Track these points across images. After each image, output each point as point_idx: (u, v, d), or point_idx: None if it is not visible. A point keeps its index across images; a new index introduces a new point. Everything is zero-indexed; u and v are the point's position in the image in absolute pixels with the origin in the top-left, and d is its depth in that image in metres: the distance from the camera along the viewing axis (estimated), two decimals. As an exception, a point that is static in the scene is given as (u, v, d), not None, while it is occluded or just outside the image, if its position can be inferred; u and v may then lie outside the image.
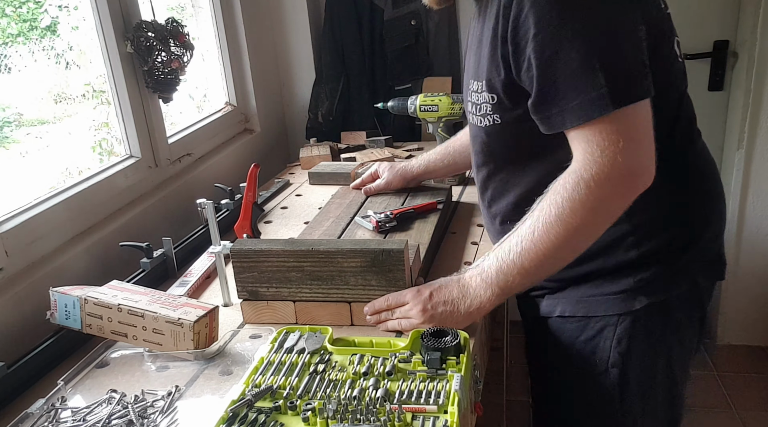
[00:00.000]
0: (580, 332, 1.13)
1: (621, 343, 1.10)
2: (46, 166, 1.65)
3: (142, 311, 1.07)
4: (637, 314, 1.08)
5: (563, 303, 1.15)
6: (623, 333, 1.09)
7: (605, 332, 1.10)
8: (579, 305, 1.13)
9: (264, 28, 2.27)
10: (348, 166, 1.90)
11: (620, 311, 1.09)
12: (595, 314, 1.11)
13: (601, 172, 0.92)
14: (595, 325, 1.11)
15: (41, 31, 1.68)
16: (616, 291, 1.09)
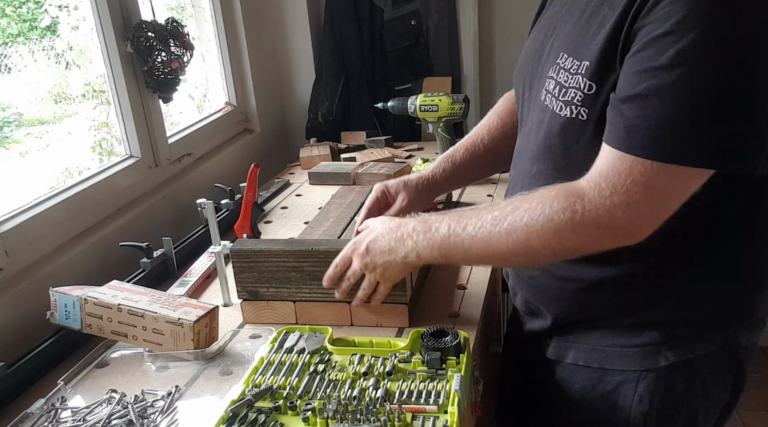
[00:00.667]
0: (595, 385, 1.02)
1: (642, 402, 0.99)
2: (46, 166, 1.65)
3: (142, 311, 1.07)
4: (660, 371, 0.97)
5: (576, 350, 1.03)
6: (645, 392, 0.98)
7: (624, 388, 0.99)
8: (594, 355, 1.01)
9: (264, 28, 2.27)
10: (348, 166, 1.90)
11: (642, 368, 0.98)
12: (613, 367, 0.99)
13: (594, 213, 0.82)
14: (612, 378, 1.00)
15: (41, 31, 1.68)
16: (638, 344, 0.97)
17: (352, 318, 1.14)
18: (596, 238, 0.84)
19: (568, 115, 0.89)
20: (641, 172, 0.79)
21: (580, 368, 1.03)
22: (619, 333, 0.98)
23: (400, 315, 1.12)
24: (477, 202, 1.67)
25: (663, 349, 0.96)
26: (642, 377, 0.98)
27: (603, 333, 1.00)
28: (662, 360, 0.96)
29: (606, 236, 0.83)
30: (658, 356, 0.97)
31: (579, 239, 0.84)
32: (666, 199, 0.81)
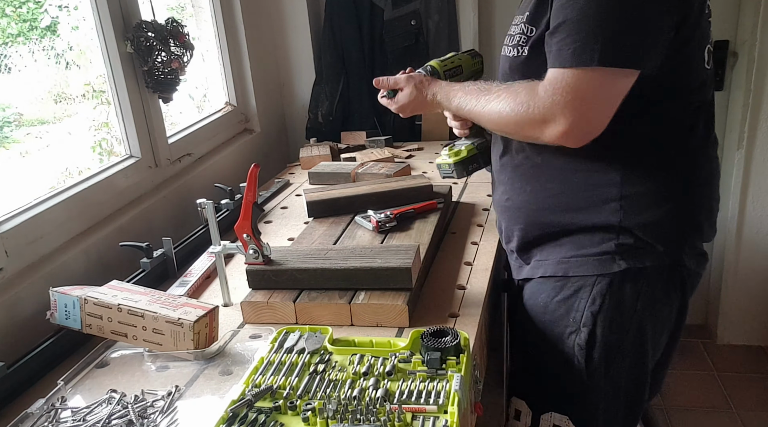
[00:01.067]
0: (558, 292, 1.18)
1: (594, 302, 1.14)
2: (46, 166, 1.65)
3: (142, 311, 1.07)
4: (613, 277, 1.13)
5: (545, 265, 1.20)
6: (598, 294, 1.14)
7: (581, 292, 1.15)
8: (559, 266, 1.18)
9: (264, 28, 2.27)
10: (348, 166, 1.90)
11: (598, 272, 1.14)
12: (574, 274, 1.16)
13: (540, 110, 1.01)
14: (572, 285, 1.16)
15: (41, 31, 1.68)
16: (596, 253, 1.13)
17: (352, 318, 1.15)
18: (544, 130, 1.02)
19: (515, 54, 1.12)
20: (571, 78, 0.98)
21: (547, 280, 1.20)
22: (580, 245, 1.15)
23: (400, 315, 1.13)
24: (476, 203, 1.68)
25: (617, 258, 1.12)
26: (597, 281, 1.14)
27: (568, 247, 1.17)
28: (615, 266, 1.12)
29: (551, 130, 1.01)
30: (612, 263, 1.12)
31: (532, 129, 1.04)
32: (594, 101, 0.99)
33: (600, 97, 0.99)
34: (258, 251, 1.19)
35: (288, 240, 1.52)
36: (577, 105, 0.97)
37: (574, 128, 0.99)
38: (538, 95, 1.01)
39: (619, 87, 0.98)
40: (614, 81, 0.98)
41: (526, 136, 1.10)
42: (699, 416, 2.31)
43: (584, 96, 0.98)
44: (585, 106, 0.98)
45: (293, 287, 1.19)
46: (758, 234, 2.50)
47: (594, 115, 0.99)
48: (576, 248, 1.16)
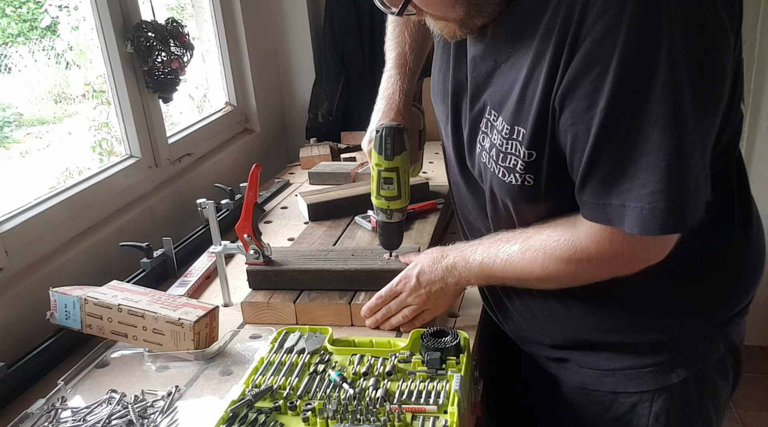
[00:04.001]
0: (608, 409, 1.02)
1: (659, 420, 0.99)
2: (46, 166, 1.65)
3: (142, 311, 1.07)
4: (673, 388, 0.98)
5: (585, 375, 1.03)
6: (661, 410, 0.99)
7: (638, 408, 1.00)
8: (605, 379, 1.01)
9: (264, 28, 2.27)
10: (348, 166, 1.90)
11: (656, 387, 0.98)
12: (625, 389, 1.00)
13: (603, 254, 0.86)
14: (625, 400, 1.00)
15: (41, 31, 1.68)
16: (648, 364, 0.98)
17: (352, 318, 1.15)
18: (609, 268, 0.88)
19: (514, 182, 0.90)
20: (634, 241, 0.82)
21: (589, 392, 1.03)
22: (627, 355, 0.99)
23: (400, 315, 1.12)
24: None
25: (675, 365, 0.97)
26: (656, 396, 0.98)
27: (610, 356, 1.00)
28: (674, 377, 0.97)
29: (620, 266, 0.87)
30: (670, 374, 0.97)
31: (589, 270, 0.89)
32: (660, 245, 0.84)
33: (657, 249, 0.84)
34: (259, 251, 1.19)
35: (288, 240, 1.52)
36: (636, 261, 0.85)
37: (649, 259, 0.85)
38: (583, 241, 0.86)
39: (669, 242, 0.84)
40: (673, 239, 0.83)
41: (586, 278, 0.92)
42: (699, 416, 2.30)
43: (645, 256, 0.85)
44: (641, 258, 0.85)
45: (293, 288, 1.19)
46: (758, 234, 2.50)
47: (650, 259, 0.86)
48: (621, 358, 0.99)
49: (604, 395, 1.02)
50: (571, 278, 0.92)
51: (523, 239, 0.93)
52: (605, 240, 0.84)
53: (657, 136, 0.75)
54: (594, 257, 0.86)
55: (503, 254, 0.95)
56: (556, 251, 0.88)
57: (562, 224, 0.90)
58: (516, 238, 0.95)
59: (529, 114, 0.84)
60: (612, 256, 0.85)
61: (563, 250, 0.88)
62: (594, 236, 0.85)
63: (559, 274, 0.90)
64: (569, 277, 0.91)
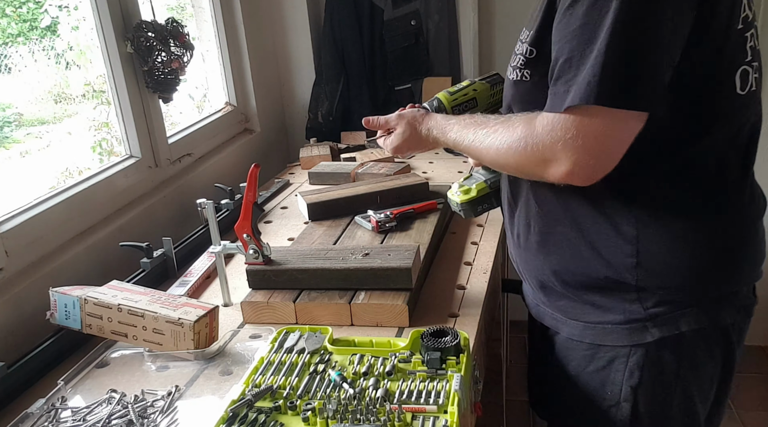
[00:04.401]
0: (589, 362, 1.07)
1: (633, 376, 1.03)
2: (46, 166, 1.65)
3: (142, 311, 1.07)
4: (648, 346, 1.01)
5: (570, 326, 1.08)
6: (635, 366, 1.03)
7: (615, 363, 1.04)
8: (586, 332, 1.06)
9: (264, 28, 2.27)
10: (348, 166, 1.90)
11: (630, 343, 1.02)
12: (603, 342, 1.05)
13: (540, 147, 0.91)
14: (604, 355, 1.05)
15: (41, 31, 1.68)
16: (624, 320, 1.02)
17: (352, 318, 1.15)
18: (546, 169, 0.92)
19: (515, 78, 1.01)
20: (570, 117, 0.87)
21: (574, 343, 1.09)
22: (605, 310, 1.03)
23: (400, 315, 1.13)
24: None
25: (649, 326, 1.01)
26: (632, 352, 1.03)
27: (592, 311, 1.05)
28: (648, 336, 1.01)
29: (554, 170, 0.90)
30: (644, 332, 1.01)
31: (533, 167, 0.94)
32: (598, 142, 0.87)
33: (604, 138, 0.87)
34: (258, 250, 1.19)
35: (288, 240, 1.52)
36: (578, 145, 0.87)
37: (578, 168, 0.88)
38: (536, 132, 0.91)
39: (626, 128, 0.86)
40: (620, 122, 0.86)
41: (527, 175, 1.00)
42: (699, 416, 2.31)
43: (586, 136, 0.86)
44: (587, 146, 0.87)
45: (293, 287, 1.19)
46: (758, 234, 2.50)
47: (599, 156, 0.88)
48: (601, 313, 1.04)
49: (587, 348, 1.07)
50: (512, 168, 1.01)
51: (492, 125, 1.01)
52: (548, 127, 0.89)
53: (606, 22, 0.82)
54: (531, 146, 0.92)
55: (470, 136, 1.05)
56: (512, 138, 0.95)
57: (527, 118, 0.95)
58: (487, 124, 1.03)
59: (537, 16, 0.96)
60: (547, 149, 0.90)
61: (516, 138, 0.95)
62: (541, 124, 0.91)
63: (507, 161, 0.98)
64: (511, 168, 1.01)
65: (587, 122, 0.86)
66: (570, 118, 0.87)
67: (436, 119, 1.17)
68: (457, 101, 1.23)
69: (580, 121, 0.86)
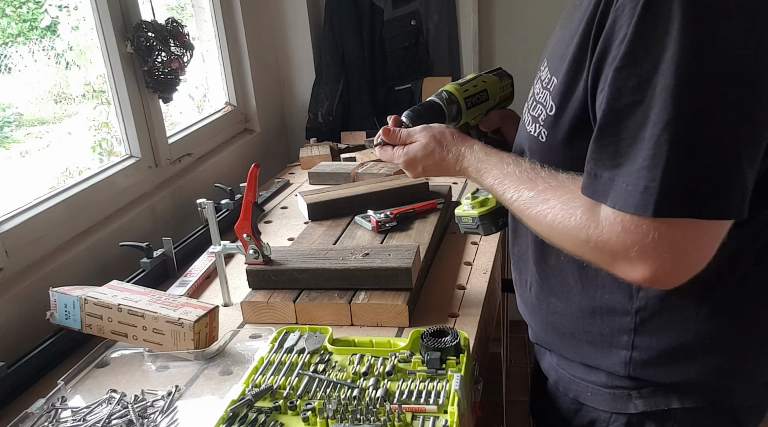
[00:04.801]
0: (572, 416, 0.99)
1: None
2: (46, 166, 1.65)
3: (142, 311, 1.07)
4: (631, 417, 0.91)
5: (558, 372, 1.00)
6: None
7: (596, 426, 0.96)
8: (571, 385, 0.98)
9: (264, 28, 2.27)
10: (348, 166, 1.90)
11: (612, 410, 0.92)
12: (585, 402, 0.96)
13: (607, 245, 0.75)
14: (586, 414, 0.96)
15: (41, 31, 1.68)
16: (608, 385, 0.92)
17: (352, 318, 1.15)
18: (615, 266, 0.77)
19: (532, 132, 0.87)
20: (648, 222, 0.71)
21: (560, 394, 1.01)
22: (590, 367, 0.94)
23: (400, 315, 1.13)
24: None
25: (633, 396, 0.90)
26: (612, 419, 0.93)
27: (577, 366, 0.96)
28: (631, 407, 0.90)
29: (626, 269, 0.75)
30: (627, 402, 0.91)
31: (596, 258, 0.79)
32: (685, 250, 0.72)
33: (690, 246, 0.72)
34: (258, 250, 1.19)
35: (288, 240, 1.52)
36: (659, 252, 0.71)
37: (661, 275, 0.73)
38: (602, 228, 0.75)
39: (714, 235, 0.72)
40: (706, 230, 0.71)
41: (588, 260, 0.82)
42: (699, 416, 2.30)
43: (669, 246, 0.71)
44: (672, 255, 0.72)
45: (293, 287, 1.19)
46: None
47: (686, 262, 0.72)
48: (586, 370, 0.94)
49: (572, 403, 0.98)
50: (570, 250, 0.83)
51: (542, 189, 0.84)
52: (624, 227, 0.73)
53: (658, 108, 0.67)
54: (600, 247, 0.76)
55: (513, 193, 0.87)
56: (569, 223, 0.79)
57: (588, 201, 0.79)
58: (535, 184, 0.85)
59: (564, 64, 0.80)
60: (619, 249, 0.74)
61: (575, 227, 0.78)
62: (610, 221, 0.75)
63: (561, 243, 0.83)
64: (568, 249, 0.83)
65: (666, 230, 0.71)
66: (645, 221, 0.71)
67: (472, 148, 0.97)
68: (469, 93, 1.10)
69: (657, 228, 0.71)
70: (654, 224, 0.70)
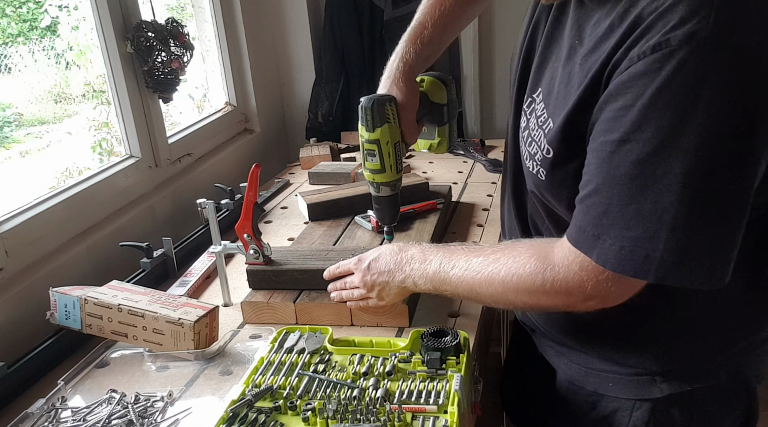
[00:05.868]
0: (591, 409, 0.99)
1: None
2: (46, 166, 1.65)
3: (142, 311, 1.07)
4: (656, 402, 0.93)
5: (574, 370, 1.01)
6: (639, 421, 0.94)
7: (618, 415, 0.96)
8: (589, 379, 0.98)
9: (264, 28, 2.27)
10: (348, 166, 1.90)
11: (636, 397, 0.94)
12: (606, 393, 0.96)
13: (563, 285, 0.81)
14: (607, 405, 0.97)
15: (41, 31, 1.68)
16: (630, 373, 0.94)
17: (352, 318, 1.15)
18: (569, 302, 0.83)
19: (531, 169, 0.89)
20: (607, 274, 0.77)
21: (577, 389, 1.01)
22: (610, 356, 0.95)
23: (400, 315, 1.13)
24: (476, 203, 1.67)
25: (657, 380, 0.92)
26: (636, 406, 0.94)
27: (596, 358, 0.97)
28: (656, 391, 0.92)
29: (579, 302, 0.82)
30: (651, 387, 0.93)
31: (551, 302, 0.84)
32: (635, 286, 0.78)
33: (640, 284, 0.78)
34: (258, 251, 1.19)
35: (288, 240, 1.52)
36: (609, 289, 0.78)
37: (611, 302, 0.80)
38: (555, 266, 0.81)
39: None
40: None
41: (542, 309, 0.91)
42: (699, 416, 2.30)
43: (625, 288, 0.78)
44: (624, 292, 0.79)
45: (293, 287, 1.19)
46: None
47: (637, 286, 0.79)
48: (606, 362, 0.96)
49: (589, 395, 0.99)
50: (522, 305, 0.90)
51: (490, 252, 0.89)
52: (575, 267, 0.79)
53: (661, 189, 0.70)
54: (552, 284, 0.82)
55: (462, 264, 0.92)
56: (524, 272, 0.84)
57: (537, 248, 0.85)
58: (482, 250, 0.91)
59: (562, 112, 0.81)
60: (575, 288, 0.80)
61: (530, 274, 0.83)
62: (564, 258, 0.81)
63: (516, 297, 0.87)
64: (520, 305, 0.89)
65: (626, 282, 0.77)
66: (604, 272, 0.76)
67: (414, 246, 1.01)
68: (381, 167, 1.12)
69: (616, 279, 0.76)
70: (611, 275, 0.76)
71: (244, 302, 1.18)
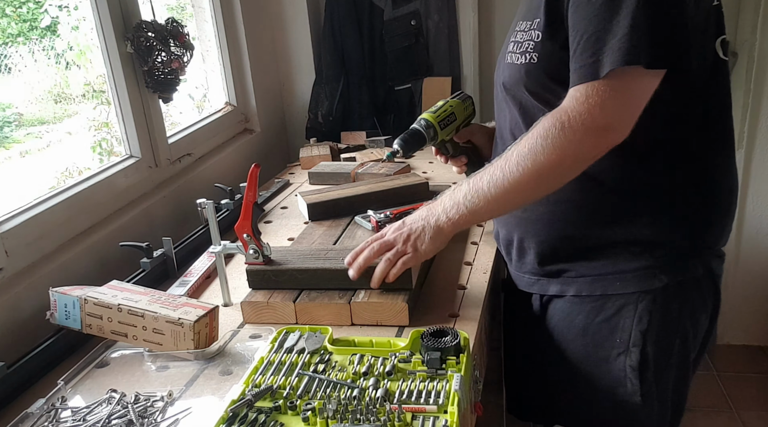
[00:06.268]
0: (598, 312, 1.13)
1: (642, 321, 1.10)
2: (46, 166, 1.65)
3: (142, 311, 1.07)
4: (656, 292, 1.09)
5: (579, 283, 1.14)
6: (644, 311, 1.09)
7: (624, 310, 1.11)
8: (596, 284, 1.12)
9: (264, 28, 2.27)
10: (348, 166, 1.90)
11: (640, 289, 1.09)
12: (614, 292, 1.11)
13: (577, 117, 0.94)
14: (613, 304, 1.11)
15: (41, 31, 1.68)
16: (634, 268, 1.09)
17: (352, 318, 1.15)
18: (587, 139, 0.95)
19: (524, 61, 1.06)
20: (607, 80, 0.93)
21: (582, 299, 1.14)
22: (614, 262, 1.10)
23: (400, 314, 1.13)
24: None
25: (657, 272, 1.09)
26: (640, 298, 1.10)
27: (602, 263, 1.11)
28: (656, 282, 1.09)
29: (595, 135, 0.95)
30: (653, 279, 1.09)
31: (575, 145, 0.96)
32: (631, 95, 0.94)
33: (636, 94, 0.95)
34: (258, 250, 1.19)
35: (288, 240, 1.52)
36: (617, 103, 0.94)
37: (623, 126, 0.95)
38: (567, 113, 0.95)
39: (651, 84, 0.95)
40: (647, 78, 0.95)
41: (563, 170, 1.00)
42: (699, 416, 2.31)
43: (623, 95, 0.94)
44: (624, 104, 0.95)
45: (293, 287, 1.19)
46: (758, 234, 2.50)
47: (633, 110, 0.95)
48: (611, 263, 1.11)
49: (596, 300, 1.12)
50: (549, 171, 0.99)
51: (505, 156, 1.02)
52: (581, 98, 0.94)
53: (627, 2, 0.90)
54: (568, 122, 0.94)
55: (489, 172, 1.03)
56: (544, 136, 0.96)
57: (543, 119, 0.98)
58: (497, 160, 1.03)
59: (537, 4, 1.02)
60: (586, 116, 0.93)
61: (550, 133, 0.96)
62: (572, 99, 0.95)
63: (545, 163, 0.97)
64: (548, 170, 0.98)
65: (619, 84, 0.93)
66: (605, 82, 0.93)
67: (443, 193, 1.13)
68: (441, 117, 1.33)
69: (615, 83, 0.92)
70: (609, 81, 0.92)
71: (244, 301, 1.18)
